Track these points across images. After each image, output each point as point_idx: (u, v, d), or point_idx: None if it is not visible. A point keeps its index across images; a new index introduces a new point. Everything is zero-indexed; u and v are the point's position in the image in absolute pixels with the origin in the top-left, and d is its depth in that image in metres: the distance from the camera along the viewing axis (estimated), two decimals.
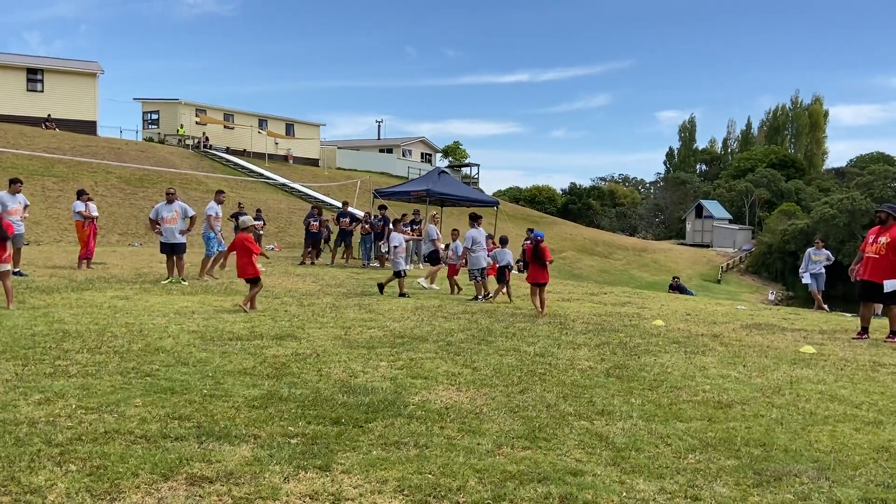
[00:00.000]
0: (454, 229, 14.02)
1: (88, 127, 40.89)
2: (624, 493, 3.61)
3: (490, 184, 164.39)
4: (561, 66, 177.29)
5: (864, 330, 9.38)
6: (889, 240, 8.97)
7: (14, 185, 12.84)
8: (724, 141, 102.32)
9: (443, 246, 15.88)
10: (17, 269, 12.55)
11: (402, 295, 12.34)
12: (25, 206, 13.08)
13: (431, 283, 14.66)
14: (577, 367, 6.73)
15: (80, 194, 15.22)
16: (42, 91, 40.51)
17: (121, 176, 31.16)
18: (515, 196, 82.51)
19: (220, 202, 14.25)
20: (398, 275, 12.74)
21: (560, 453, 4.20)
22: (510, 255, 12.61)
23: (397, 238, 13.37)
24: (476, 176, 66.29)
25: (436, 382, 5.87)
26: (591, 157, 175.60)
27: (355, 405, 5.03)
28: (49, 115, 39.25)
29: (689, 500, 3.58)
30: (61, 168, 29.23)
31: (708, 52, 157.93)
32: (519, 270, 18.86)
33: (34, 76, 40.48)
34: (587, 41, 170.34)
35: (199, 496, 3.37)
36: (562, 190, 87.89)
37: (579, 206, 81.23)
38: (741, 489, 3.74)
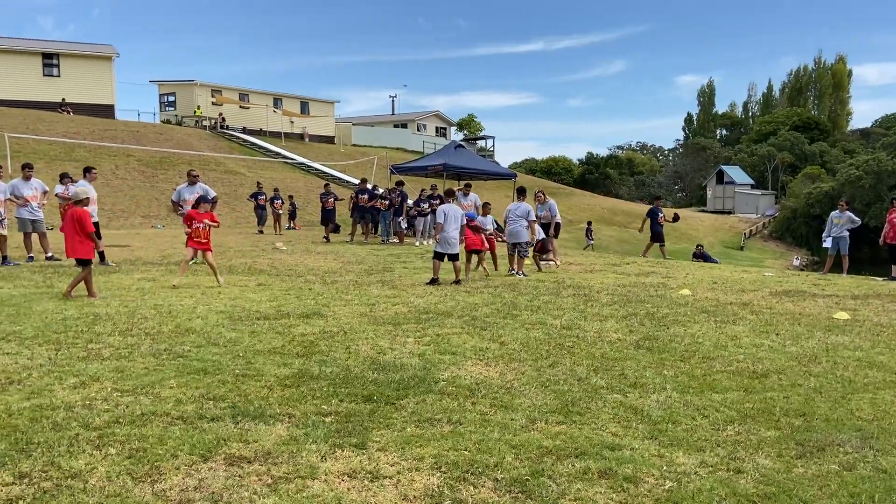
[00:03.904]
0: (485, 203, 13.69)
1: (106, 111, 41.11)
2: (664, 467, 3.57)
3: (506, 156, 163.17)
4: (577, 33, 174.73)
5: None
6: None
7: (25, 170, 12.79)
8: (745, 104, 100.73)
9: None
10: (49, 254, 12.68)
11: (433, 281, 10.72)
12: (44, 192, 13.07)
13: (555, 258, 14.63)
14: (605, 339, 6.67)
15: (62, 178, 15.17)
16: (58, 76, 40.71)
17: (140, 159, 31.33)
18: (531, 168, 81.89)
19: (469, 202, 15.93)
20: (450, 258, 10.87)
21: (595, 427, 4.17)
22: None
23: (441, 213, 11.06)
24: (491, 149, 65.85)
25: (464, 358, 5.85)
26: (609, 126, 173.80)
27: (386, 382, 5.02)
28: (63, 100, 39.43)
29: (731, 472, 3.53)
30: (82, 153, 29.43)
31: (727, 14, 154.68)
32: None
33: (50, 61, 40.66)
34: (604, 6, 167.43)
35: (239, 476, 3.38)
36: (578, 160, 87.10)
37: (597, 175, 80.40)
38: (784, 461, 3.68)
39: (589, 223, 33.56)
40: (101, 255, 11.99)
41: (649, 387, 5.03)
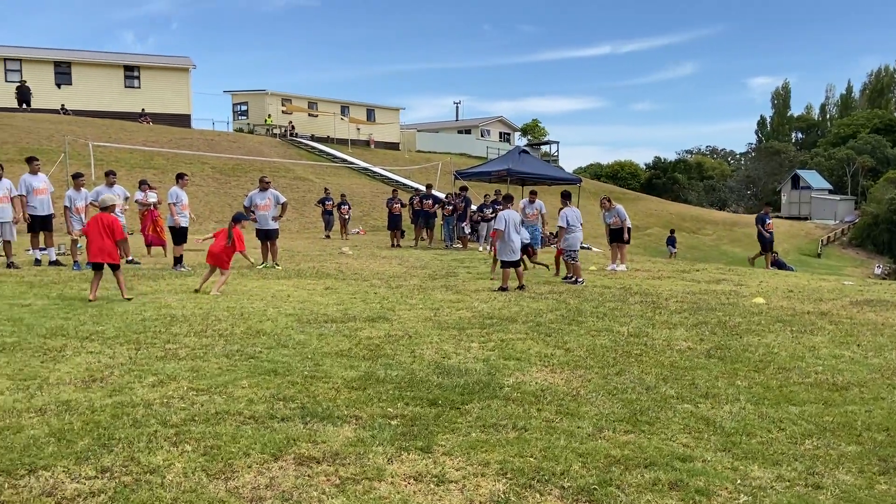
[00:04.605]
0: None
1: (183, 120, 42.77)
2: (738, 481, 3.45)
3: (570, 161, 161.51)
4: (644, 35, 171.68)
5: None
6: None
7: (109, 177, 13.47)
8: (822, 107, 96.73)
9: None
10: (130, 258, 13.27)
11: (502, 289, 10.45)
12: (126, 198, 13.73)
13: (622, 263, 14.29)
14: (674, 347, 6.51)
15: (141, 184, 15.79)
16: (139, 87, 42.63)
17: (214, 166, 32.45)
18: (597, 172, 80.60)
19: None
20: (512, 265, 10.77)
21: (665, 437, 4.07)
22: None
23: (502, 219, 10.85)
24: (556, 154, 65.29)
25: (529, 364, 5.81)
26: (677, 130, 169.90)
27: (451, 387, 5.04)
28: (143, 110, 41.24)
29: (809, 488, 3.38)
30: (160, 160, 30.69)
31: (803, 14, 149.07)
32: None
33: (131, 73, 42.65)
34: (673, 8, 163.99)
35: (308, 476, 3.46)
36: (645, 164, 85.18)
37: (664, 180, 78.48)
38: (866, 477, 3.51)
39: (672, 231, 32.98)
40: (179, 258, 12.47)
41: (722, 397, 4.88)
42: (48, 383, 4.94)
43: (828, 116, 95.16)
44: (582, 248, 12.00)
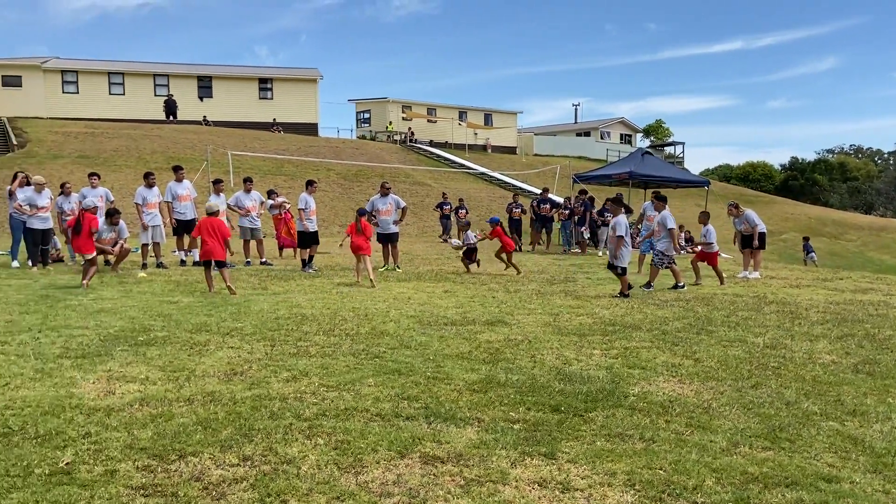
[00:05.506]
0: (703, 212, 12.93)
1: (310, 129, 44.87)
2: None
3: (696, 163, 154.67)
4: (780, 28, 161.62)
5: None
6: None
7: (247, 183, 14.47)
8: None
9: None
10: (263, 259, 14.10)
11: (623, 295, 10.11)
12: (262, 203, 14.64)
13: (755, 270, 13.66)
14: (816, 361, 6.08)
15: (270, 194, 16.55)
16: (271, 98, 45.20)
17: (339, 172, 33.79)
18: (726, 174, 76.67)
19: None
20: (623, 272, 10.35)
21: (807, 456, 3.81)
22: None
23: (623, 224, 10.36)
24: (681, 155, 62.82)
25: (655, 373, 5.62)
26: (816, 128, 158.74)
27: (573, 393, 4.97)
28: (274, 120, 43.65)
29: None
30: (290, 167, 32.36)
31: None
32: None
33: (265, 85, 45.32)
34: None
35: (434, 475, 3.52)
36: (780, 165, 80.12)
37: (802, 182, 73.44)
38: None
39: (806, 238, 31.03)
40: (308, 260, 13.08)
41: (871, 415, 4.50)
42: (195, 375, 5.33)
43: None
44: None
